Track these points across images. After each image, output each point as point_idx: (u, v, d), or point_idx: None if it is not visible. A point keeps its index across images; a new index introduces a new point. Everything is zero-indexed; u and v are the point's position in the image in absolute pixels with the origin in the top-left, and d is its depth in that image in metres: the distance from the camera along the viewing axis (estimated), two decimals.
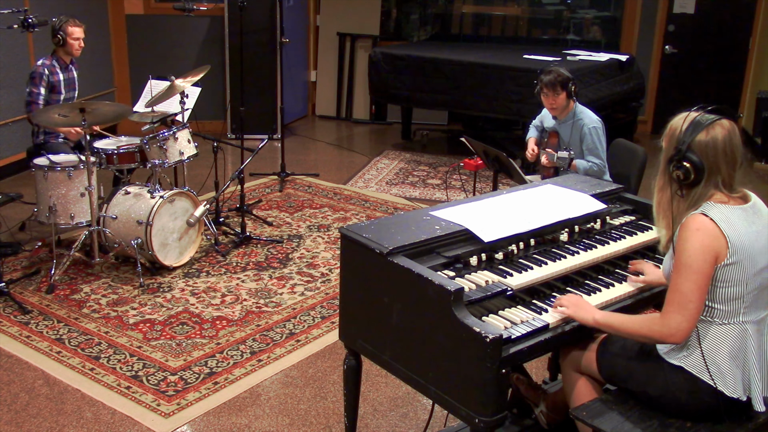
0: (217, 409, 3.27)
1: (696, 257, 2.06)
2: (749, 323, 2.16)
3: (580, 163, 4.35)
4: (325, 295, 4.36)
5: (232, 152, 7.00)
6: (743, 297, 2.12)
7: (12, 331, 3.87)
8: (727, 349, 2.15)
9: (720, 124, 2.11)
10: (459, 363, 2.09)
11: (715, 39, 8.11)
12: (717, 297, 2.13)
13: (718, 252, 2.07)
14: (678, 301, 2.09)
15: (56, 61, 4.94)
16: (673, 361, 2.21)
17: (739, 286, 2.11)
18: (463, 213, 2.61)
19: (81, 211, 4.43)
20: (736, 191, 2.16)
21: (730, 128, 2.11)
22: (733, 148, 2.11)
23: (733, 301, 2.12)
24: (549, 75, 4.35)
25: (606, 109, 6.25)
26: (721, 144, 2.09)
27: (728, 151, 2.10)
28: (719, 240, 2.07)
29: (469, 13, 9.27)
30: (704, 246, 2.07)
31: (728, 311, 2.14)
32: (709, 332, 2.16)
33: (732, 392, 2.15)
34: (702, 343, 2.16)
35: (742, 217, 2.12)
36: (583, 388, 2.42)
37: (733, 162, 2.12)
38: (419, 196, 6.29)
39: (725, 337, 2.15)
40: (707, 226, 2.08)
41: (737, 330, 2.15)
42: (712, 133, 2.09)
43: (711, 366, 2.15)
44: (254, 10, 7.36)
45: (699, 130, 2.10)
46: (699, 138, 2.09)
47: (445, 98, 7.14)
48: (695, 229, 2.08)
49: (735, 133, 2.11)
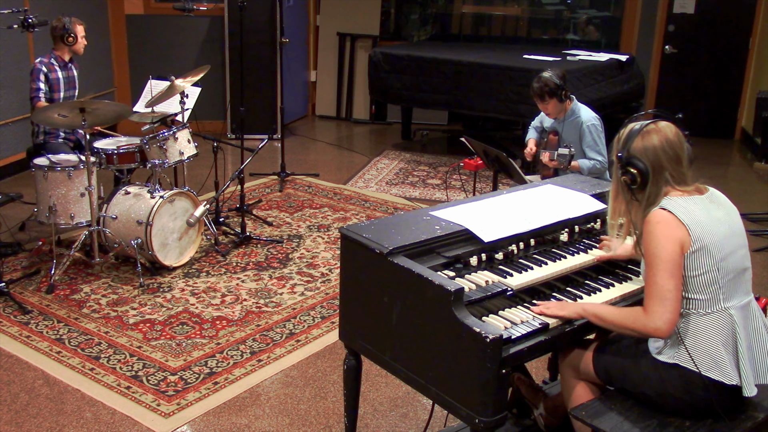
0: (217, 409, 3.27)
1: (662, 247, 2.15)
2: (733, 309, 2.21)
3: (583, 162, 4.35)
4: (325, 295, 4.36)
5: (232, 152, 7.00)
6: (718, 282, 2.18)
7: (12, 331, 3.87)
8: (718, 338, 2.19)
9: (654, 128, 2.24)
10: (459, 363, 2.09)
11: (715, 39, 8.11)
12: (692, 287, 2.18)
13: (681, 240, 2.15)
14: (655, 293, 2.15)
15: (55, 60, 4.94)
16: (666, 360, 2.23)
17: (710, 273, 2.17)
18: (463, 213, 2.61)
19: (81, 211, 4.43)
20: (690, 185, 2.25)
21: (666, 129, 2.24)
22: (672, 146, 2.22)
23: (709, 287, 2.18)
24: (537, 83, 4.35)
25: (606, 109, 6.25)
26: (658, 145, 2.21)
27: (668, 150, 2.21)
28: (680, 228, 2.16)
29: (469, 13, 9.27)
30: (667, 236, 2.15)
31: (707, 300, 2.19)
32: (691, 324, 2.20)
33: (730, 380, 2.19)
34: (689, 336, 2.20)
35: (699, 206, 2.21)
36: (582, 392, 2.43)
37: (677, 158, 2.22)
38: (419, 196, 6.29)
39: (712, 326, 2.19)
40: (666, 218, 2.17)
41: (723, 317, 2.19)
42: (648, 138, 2.22)
43: (705, 358, 2.18)
44: (254, 10, 7.35)
45: (634, 136, 2.23)
46: (636, 144, 2.22)
47: (445, 98, 7.14)
48: (656, 222, 2.18)
49: (672, 132, 2.23)
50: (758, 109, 7.28)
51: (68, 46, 4.94)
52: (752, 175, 7.02)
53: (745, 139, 7.99)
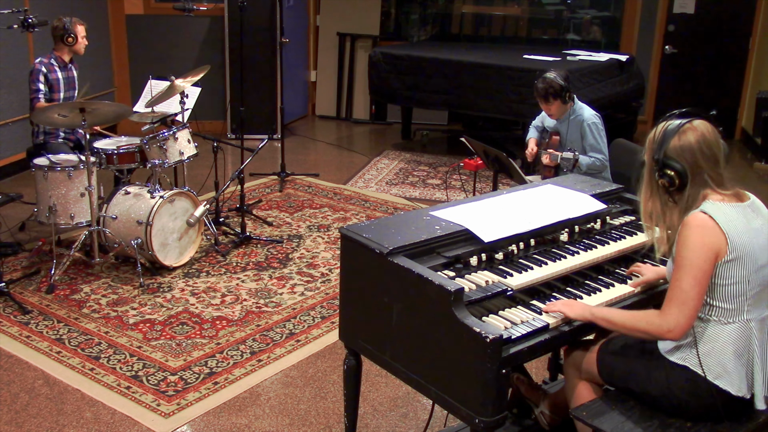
0: (217, 409, 3.27)
1: (696, 253, 2.09)
2: (753, 321, 2.17)
3: (582, 158, 4.36)
4: (325, 295, 4.36)
5: (232, 152, 7.00)
6: (746, 294, 2.13)
7: (12, 331, 3.87)
8: (733, 348, 2.15)
9: (691, 127, 2.16)
10: (459, 363, 2.09)
11: (715, 39, 8.11)
12: (717, 295, 2.14)
13: (718, 248, 2.09)
14: (678, 297, 2.11)
15: (54, 60, 4.94)
16: (676, 360, 2.22)
17: (741, 284, 2.12)
18: (463, 213, 2.61)
19: (81, 211, 4.43)
20: (728, 189, 2.19)
21: (703, 128, 2.17)
22: (709, 145, 2.15)
23: (736, 298, 2.13)
24: (541, 84, 4.36)
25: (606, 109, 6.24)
26: (695, 144, 2.14)
27: (705, 150, 2.15)
28: (719, 236, 2.09)
29: (469, 13, 9.27)
30: (704, 242, 2.09)
31: (731, 309, 2.14)
32: (709, 331, 2.17)
33: (737, 391, 2.16)
34: (704, 342, 2.17)
35: (740, 215, 2.15)
36: (584, 392, 2.43)
37: (714, 159, 2.16)
38: (419, 196, 6.29)
39: (731, 335, 2.15)
40: (707, 224, 2.10)
41: (742, 328, 2.16)
42: (684, 137, 2.15)
43: (716, 366, 2.16)
44: (254, 10, 7.35)
45: (671, 136, 2.16)
46: (673, 144, 2.15)
47: (445, 98, 7.14)
48: (695, 226, 2.11)
49: (709, 131, 2.16)
50: (758, 109, 7.28)
51: (68, 47, 4.94)
52: (752, 175, 7.02)
53: (745, 139, 7.99)
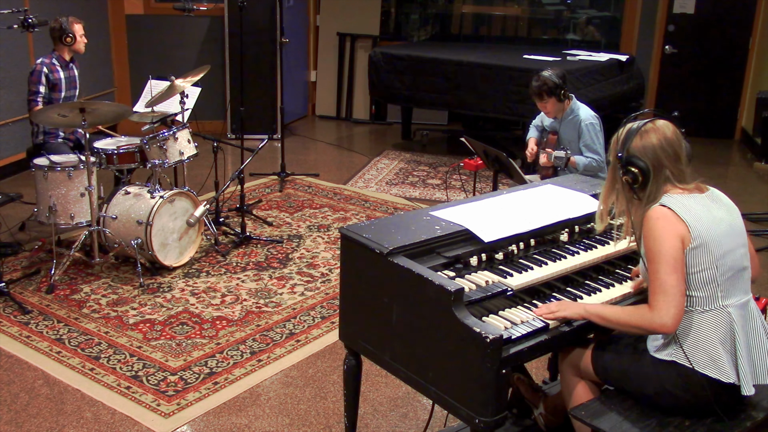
0: (217, 409, 3.28)
1: (663, 242, 2.15)
2: (732, 307, 2.21)
3: (579, 158, 4.37)
4: (325, 295, 4.36)
5: (232, 152, 7.00)
6: (716, 280, 2.19)
7: (12, 331, 3.87)
8: (716, 336, 2.19)
9: (652, 127, 2.25)
10: (459, 363, 2.09)
11: (715, 39, 8.11)
12: (692, 283, 2.19)
13: (682, 235, 2.16)
14: (659, 289, 2.15)
15: (56, 60, 4.94)
16: (664, 357, 2.24)
17: (709, 270, 2.18)
18: (463, 213, 2.61)
19: (81, 211, 4.43)
20: (689, 183, 2.27)
21: (664, 127, 2.26)
22: (671, 144, 2.23)
23: (707, 285, 2.18)
24: (536, 82, 4.38)
25: (606, 109, 6.25)
26: (657, 143, 2.22)
27: (667, 148, 2.23)
28: (680, 224, 2.17)
29: (469, 13, 9.27)
30: (668, 231, 2.16)
31: (706, 297, 2.19)
32: (693, 321, 2.20)
33: (727, 378, 2.18)
34: (687, 334, 2.20)
35: (699, 204, 2.23)
36: (582, 392, 2.43)
37: (676, 156, 2.24)
38: (419, 196, 6.29)
39: (710, 323, 2.19)
40: (666, 214, 2.18)
41: (721, 315, 2.20)
42: (646, 137, 2.23)
43: (702, 356, 2.19)
44: (254, 10, 7.35)
45: (633, 136, 2.25)
46: (635, 143, 2.24)
47: (445, 98, 7.14)
48: (656, 218, 2.19)
49: (670, 131, 2.25)
50: (758, 109, 7.28)
51: (68, 46, 4.94)
52: (752, 175, 7.02)
53: (745, 139, 7.99)
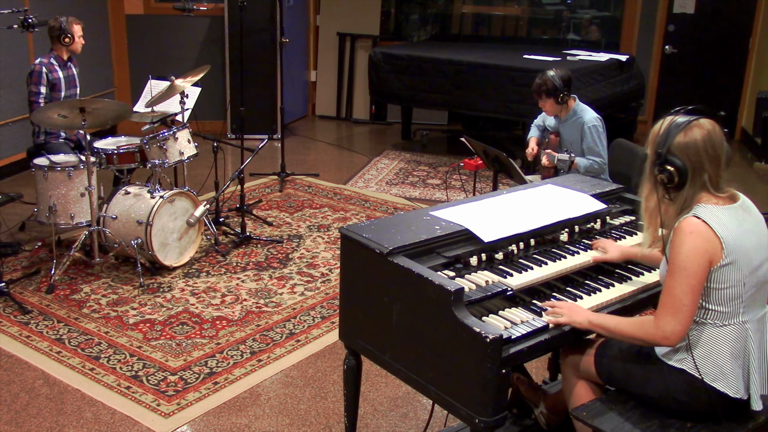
0: (217, 409, 3.27)
1: (690, 260, 2.06)
2: (749, 323, 2.16)
3: (580, 160, 4.37)
4: (325, 295, 4.36)
5: (232, 152, 7.00)
6: (741, 297, 2.12)
7: (12, 331, 3.87)
8: (729, 350, 2.14)
9: (698, 124, 2.11)
10: (459, 363, 2.09)
11: (715, 39, 8.11)
12: (713, 299, 2.12)
13: (712, 254, 2.07)
14: (671, 304, 2.09)
15: (54, 59, 4.94)
16: (673, 363, 2.21)
17: (736, 287, 2.10)
18: (463, 213, 2.61)
19: (81, 211, 4.43)
20: (724, 191, 2.16)
21: (710, 127, 2.12)
22: (714, 145, 2.11)
23: (732, 302, 2.12)
24: (538, 80, 4.41)
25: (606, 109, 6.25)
26: (701, 143, 2.09)
27: (710, 150, 2.10)
28: (713, 242, 2.07)
29: (469, 13, 9.27)
30: (698, 249, 2.06)
31: (727, 312, 2.13)
32: (705, 334, 2.15)
33: (735, 393, 2.15)
34: (700, 345, 2.15)
35: (733, 217, 2.12)
36: (582, 392, 2.43)
37: (717, 160, 2.12)
38: (419, 196, 6.29)
39: (726, 338, 2.14)
40: (700, 229, 2.07)
41: (738, 330, 2.15)
42: (691, 134, 2.10)
43: (713, 368, 2.15)
44: (254, 10, 7.35)
45: (677, 132, 2.11)
46: (678, 140, 2.10)
47: (445, 98, 7.14)
48: (688, 232, 2.08)
49: (715, 132, 2.11)
50: (758, 109, 7.27)
51: (65, 46, 4.94)
52: (752, 175, 7.02)
53: (745, 139, 7.99)
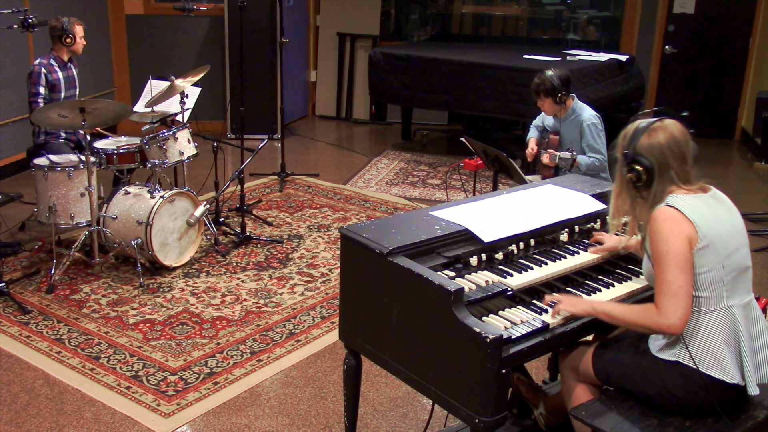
0: (217, 409, 3.27)
1: (671, 243, 2.14)
2: (736, 307, 2.21)
3: (581, 158, 4.37)
4: (325, 295, 4.36)
5: (232, 152, 7.00)
6: (722, 280, 2.18)
7: (12, 331, 3.87)
8: (721, 336, 2.19)
9: (661, 126, 2.24)
10: (459, 363, 2.09)
11: (715, 39, 8.11)
12: (698, 284, 2.18)
13: (689, 236, 2.15)
14: (667, 289, 2.14)
15: (54, 60, 4.94)
16: (668, 358, 2.23)
17: (716, 270, 2.17)
18: (463, 213, 2.61)
19: (81, 211, 4.43)
20: (694, 184, 2.26)
21: (673, 127, 2.24)
22: (678, 144, 2.22)
23: (713, 285, 2.18)
24: (537, 80, 4.42)
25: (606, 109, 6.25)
26: (665, 143, 2.21)
27: (674, 148, 2.22)
28: (688, 225, 2.15)
29: (469, 13, 9.27)
30: (675, 232, 2.15)
31: (711, 297, 2.18)
32: (699, 322, 2.20)
33: (731, 379, 2.19)
34: (691, 334, 2.20)
35: (705, 204, 2.22)
36: (581, 394, 2.43)
37: (682, 156, 2.23)
38: (419, 196, 6.29)
39: (715, 324, 2.19)
40: (674, 215, 2.17)
41: (725, 315, 2.19)
42: (654, 135, 2.22)
43: (707, 356, 2.18)
44: (254, 10, 7.36)
45: (641, 134, 2.23)
46: (642, 141, 2.23)
47: (445, 98, 7.14)
48: (663, 219, 2.18)
49: (678, 131, 2.24)
50: (758, 109, 7.28)
51: (66, 47, 4.94)
52: (752, 175, 7.02)
53: (745, 139, 7.99)
